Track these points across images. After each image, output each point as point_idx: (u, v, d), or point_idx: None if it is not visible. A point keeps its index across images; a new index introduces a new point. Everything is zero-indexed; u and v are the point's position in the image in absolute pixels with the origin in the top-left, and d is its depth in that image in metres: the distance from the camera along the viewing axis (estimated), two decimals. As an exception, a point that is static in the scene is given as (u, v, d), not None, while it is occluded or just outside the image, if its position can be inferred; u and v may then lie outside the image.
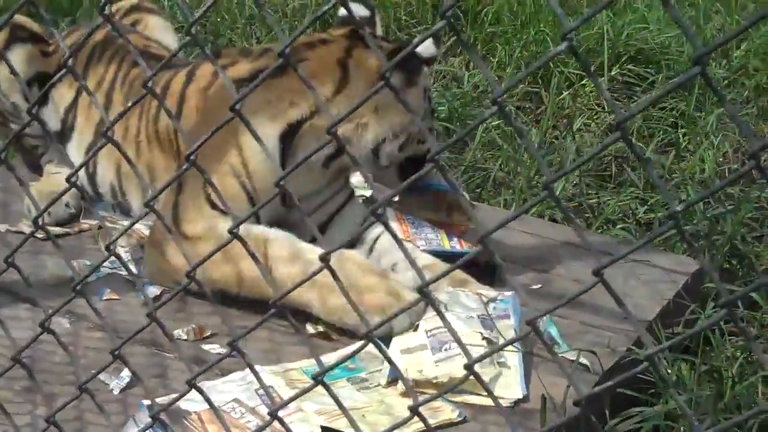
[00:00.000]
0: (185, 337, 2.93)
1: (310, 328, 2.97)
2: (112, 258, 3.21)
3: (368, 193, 3.55)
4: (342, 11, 3.31)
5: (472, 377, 2.56)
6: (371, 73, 3.01)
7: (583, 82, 5.23)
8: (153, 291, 3.13)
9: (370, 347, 2.80)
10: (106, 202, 3.65)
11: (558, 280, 3.34)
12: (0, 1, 5.46)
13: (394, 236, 1.57)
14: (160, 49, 3.73)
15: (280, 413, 2.52)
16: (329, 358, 2.79)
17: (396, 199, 3.36)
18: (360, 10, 3.29)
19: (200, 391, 1.79)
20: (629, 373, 1.32)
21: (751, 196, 4.09)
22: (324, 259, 1.58)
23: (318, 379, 1.64)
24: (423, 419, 1.57)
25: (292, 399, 1.69)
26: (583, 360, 2.82)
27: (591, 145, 4.69)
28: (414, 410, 1.55)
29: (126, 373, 2.72)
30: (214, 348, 2.90)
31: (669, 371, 2.92)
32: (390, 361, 1.64)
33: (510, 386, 2.69)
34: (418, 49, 2.96)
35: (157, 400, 2.56)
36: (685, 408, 1.33)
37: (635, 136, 4.81)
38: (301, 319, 2.95)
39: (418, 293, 1.52)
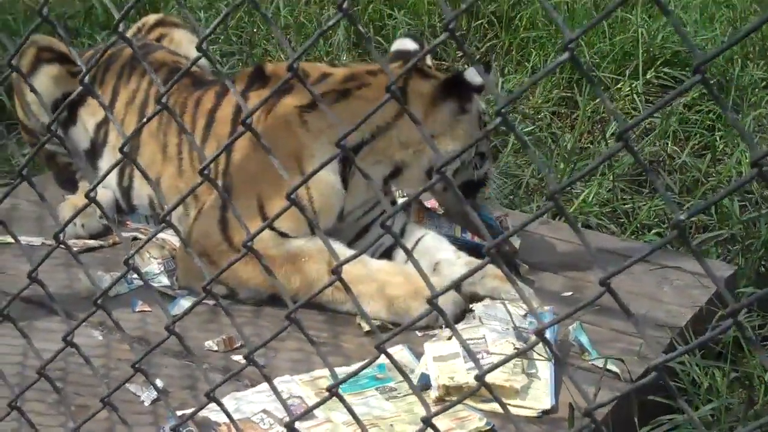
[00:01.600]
0: (216, 348, 2.95)
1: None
2: (147, 270, 3.29)
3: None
4: (394, 46, 3.60)
5: (506, 385, 2.59)
6: (426, 100, 3.22)
7: (619, 85, 5.20)
8: (184, 304, 3.15)
9: (401, 356, 2.85)
10: (139, 213, 3.68)
11: (589, 287, 3.31)
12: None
13: (405, 249, 1.58)
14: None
15: (308, 423, 2.55)
16: (355, 368, 2.79)
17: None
18: (409, 45, 3.53)
19: (218, 403, 1.80)
20: (635, 384, 1.31)
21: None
22: (335, 272, 1.60)
23: (332, 391, 1.65)
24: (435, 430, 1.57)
25: (306, 411, 1.70)
26: (613, 368, 2.80)
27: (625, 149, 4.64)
28: (426, 421, 1.55)
29: (157, 385, 2.74)
30: (245, 359, 2.91)
31: (699, 378, 2.89)
32: (404, 375, 1.64)
33: (539, 398, 2.69)
34: (468, 78, 3.20)
35: (186, 411, 2.59)
36: (695, 417, 1.32)
37: (671, 139, 4.77)
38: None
39: (428, 304, 1.53)
